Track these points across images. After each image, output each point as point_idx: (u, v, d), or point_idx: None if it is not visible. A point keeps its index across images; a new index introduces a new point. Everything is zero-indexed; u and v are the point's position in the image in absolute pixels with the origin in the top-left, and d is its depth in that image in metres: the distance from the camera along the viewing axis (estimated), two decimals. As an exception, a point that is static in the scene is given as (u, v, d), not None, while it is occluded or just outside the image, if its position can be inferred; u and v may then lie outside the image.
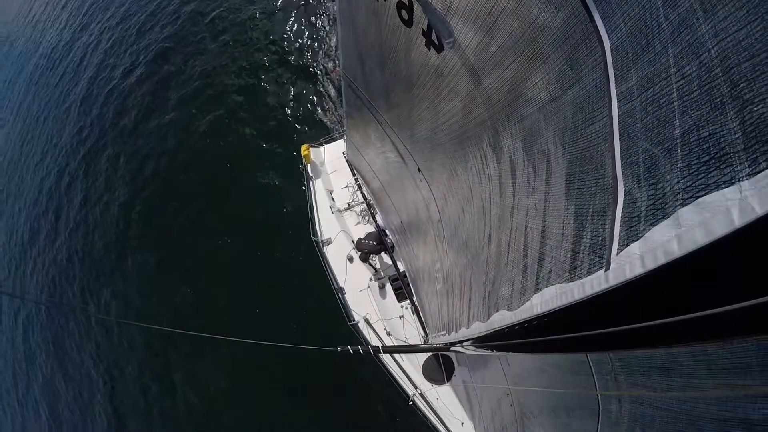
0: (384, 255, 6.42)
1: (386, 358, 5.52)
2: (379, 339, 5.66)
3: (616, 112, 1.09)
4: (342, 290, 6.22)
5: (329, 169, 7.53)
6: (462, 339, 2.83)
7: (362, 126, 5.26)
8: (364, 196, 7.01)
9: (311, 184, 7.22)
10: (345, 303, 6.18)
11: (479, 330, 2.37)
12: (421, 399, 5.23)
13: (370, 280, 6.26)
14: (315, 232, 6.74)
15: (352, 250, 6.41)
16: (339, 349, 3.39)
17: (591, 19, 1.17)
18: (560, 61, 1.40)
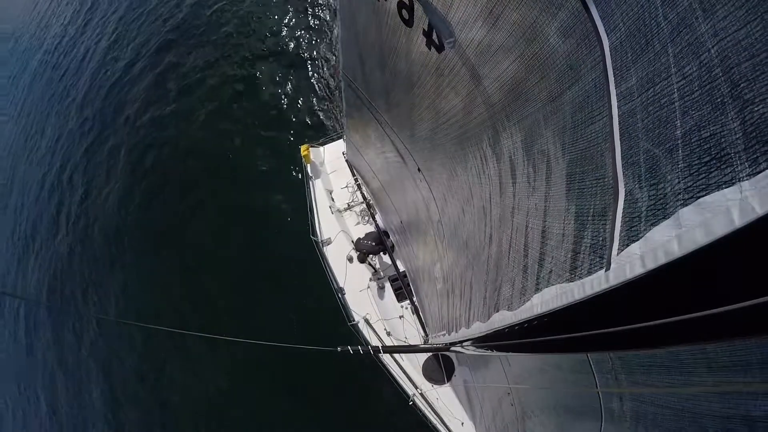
0: (384, 255, 6.41)
1: (386, 358, 5.52)
2: (379, 339, 5.65)
3: (616, 111, 1.09)
4: (342, 290, 6.22)
5: (329, 169, 7.53)
6: (462, 339, 2.83)
7: (362, 126, 5.25)
8: (363, 196, 7.01)
9: (311, 184, 7.22)
10: (345, 303, 6.18)
11: (479, 330, 2.37)
12: (422, 399, 5.22)
13: (370, 280, 6.26)
14: (315, 232, 6.74)
15: (351, 250, 6.41)
16: (339, 349, 3.39)
17: (590, 18, 1.17)
18: (560, 61, 1.40)
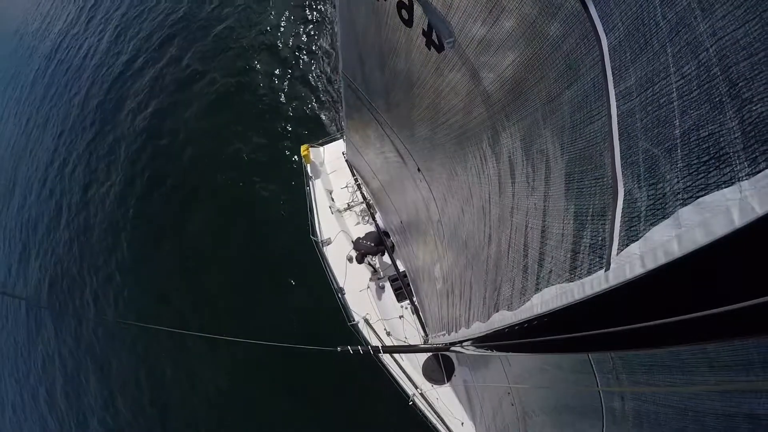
0: (382, 256, 6.41)
1: (386, 358, 5.51)
2: (379, 339, 5.65)
3: (615, 111, 1.09)
4: (342, 290, 6.22)
5: (329, 169, 7.53)
6: (462, 339, 2.83)
7: (362, 126, 5.25)
8: (363, 197, 7.01)
9: (311, 185, 7.22)
10: (345, 303, 6.18)
11: (479, 330, 2.37)
12: (422, 399, 5.22)
13: (370, 280, 6.26)
14: (315, 232, 6.74)
15: (351, 250, 6.41)
16: (339, 349, 3.39)
17: (589, 18, 1.17)
18: (559, 61, 1.40)
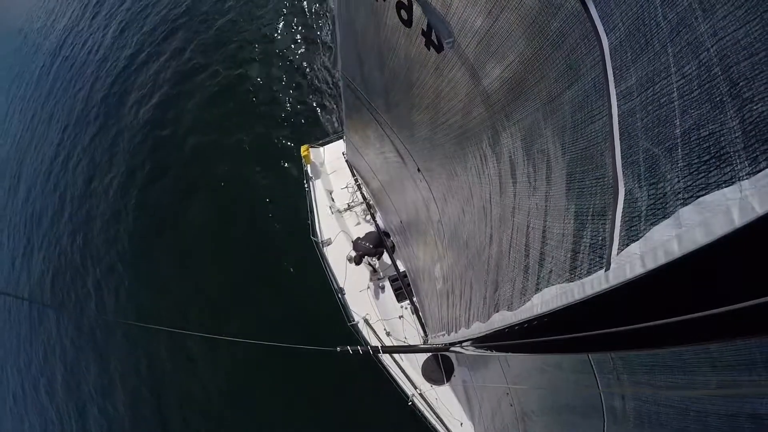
0: (380, 259, 6.39)
1: (386, 358, 5.51)
2: (379, 339, 5.65)
3: (615, 111, 1.09)
4: (342, 290, 6.22)
5: (329, 169, 7.53)
6: (462, 339, 2.82)
7: (361, 126, 5.25)
8: (363, 197, 7.01)
9: (311, 185, 7.22)
10: (345, 303, 6.18)
11: (479, 330, 2.37)
12: (421, 399, 5.22)
13: (370, 280, 6.26)
14: (315, 232, 6.74)
15: (351, 251, 6.42)
16: (339, 349, 3.39)
17: (590, 18, 1.17)
18: (559, 61, 1.40)
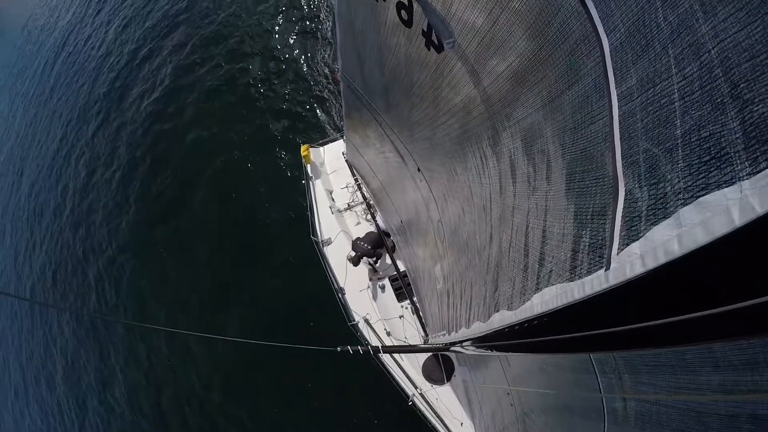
0: (377, 262, 6.38)
1: (386, 358, 5.52)
2: (379, 339, 5.66)
3: (616, 112, 1.09)
4: (342, 290, 6.22)
5: (329, 169, 7.53)
6: (462, 339, 2.83)
7: (361, 126, 5.25)
8: (363, 197, 7.01)
9: (311, 185, 7.22)
10: (345, 303, 6.18)
11: (479, 330, 2.37)
12: (421, 399, 5.23)
13: (370, 280, 6.26)
14: (315, 232, 6.74)
15: (351, 251, 6.42)
16: (339, 349, 3.39)
17: (590, 18, 1.17)
18: (559, 61, 1.41)
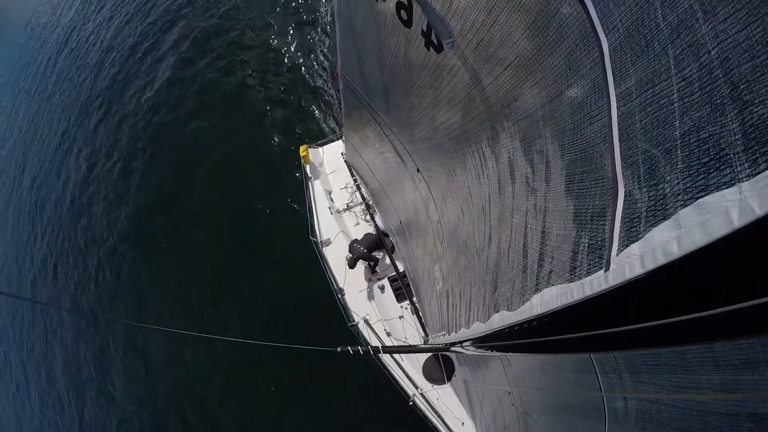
0: (375, 265, 6.37)
1: (386, 358, 5.51)
2: (379, 339, 5.65)
3: (615, 112, 1.09)
4: (341, 291, 6.21)
5: (328, 170, 7.52)
6: (462, 339, 2.83)
7: (361, 127, 5.25)
8: (362, 197, 7.01)
9: (310, 185, 7.22)
10: (345, 304, 6.18)
11: (479, 330, 2.37)
12: (422, 399, 5.22)
13: (369, 280, 6.25)
14: (314, 232, 6.74)
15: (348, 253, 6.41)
16: (339, 349, 3.39)
17: (589, 18, 1.17)
18: (559, 61, 1.40)
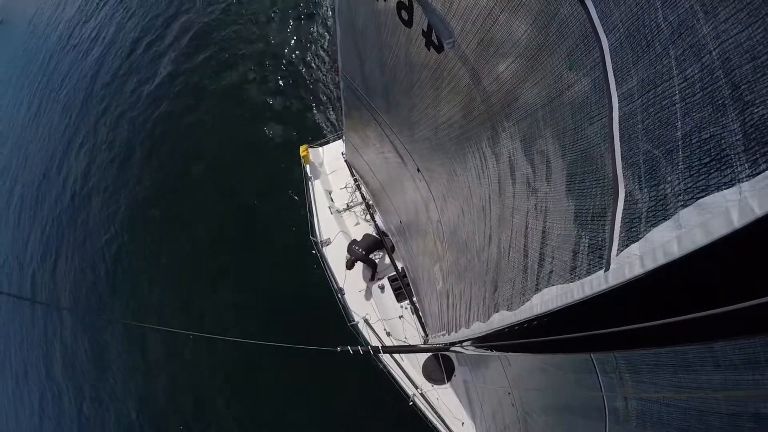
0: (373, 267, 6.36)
1: (386, 358, 5.52)
2: (379, 339, 5.65)
3: (616, 113, 1.09)
4: (341, 291, 6.22)
5: (328, 169, 7.53)
6: (462, 339, 2.83)
7: (361, 126, 5.25)
8: (363, 197, 7.01)
9: (310, 185, 7.22)
10: (344, 303, 6.18)
11: (479, 330, 2.37)
12: (422, 399, 5.22)
13: (369, 280, 6.26)
14: (314, 232, 6.74)
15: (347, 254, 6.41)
16: (339, 349, 3.39)
17: (589, 18, 1.17)
18: (559, 61, 1.40)
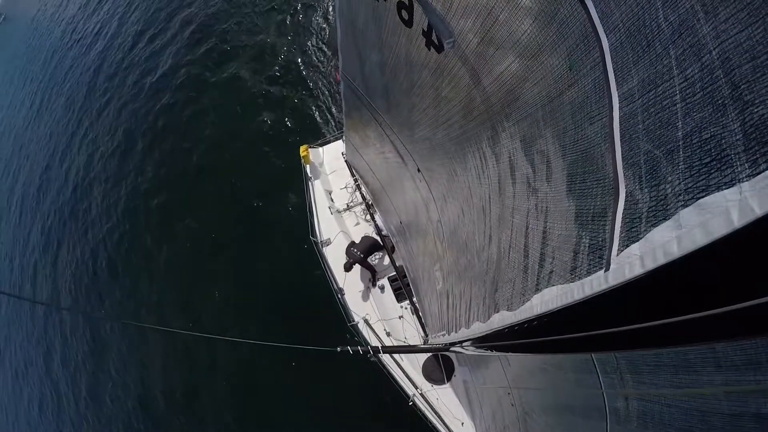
0: (376, 258, 6.36)
1: (386, 358, 5.51)
2: (379, 339, 5.65)
3: (617, 113, 1.09)
4: (341, 291, 6.21)
5: (328, 169, 7.53)
6: (462, 339, 2.83)
7: (361, 126, 5.25)
8: (363, 197, 7.01)
9: (310, 185, 7.22)
10: (344, 304, 6.18)
11: (479, 330, 2.37)
12: (422, 399, 5.22)
13: (369, 280, 6.26)
14: (314, 232, 6.74)
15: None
16: (339, 349, 3.38)
17: (589, 18, 1.17)
18: (559, 61, 1.40)
